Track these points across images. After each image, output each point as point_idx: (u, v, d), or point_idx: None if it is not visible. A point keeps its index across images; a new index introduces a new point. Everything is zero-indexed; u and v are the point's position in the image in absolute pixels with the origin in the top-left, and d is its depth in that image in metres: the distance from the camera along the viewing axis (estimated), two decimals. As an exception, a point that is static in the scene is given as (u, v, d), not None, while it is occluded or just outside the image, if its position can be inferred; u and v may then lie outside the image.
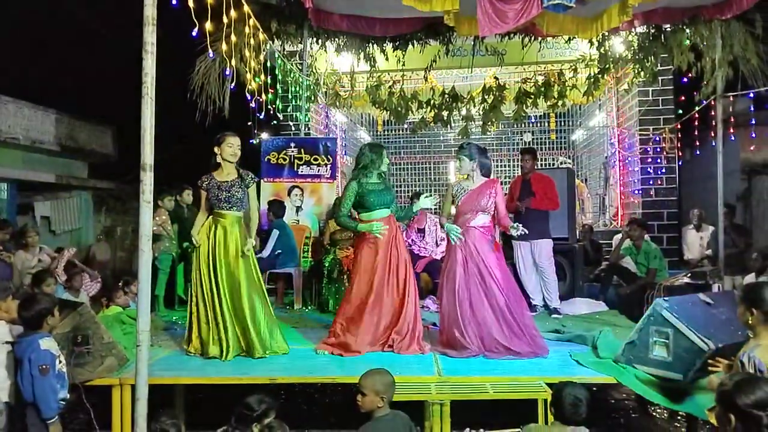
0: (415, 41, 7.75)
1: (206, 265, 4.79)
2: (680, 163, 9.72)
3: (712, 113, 7.16)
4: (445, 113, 9.49)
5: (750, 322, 3.15)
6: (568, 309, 6.61)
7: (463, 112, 9.63)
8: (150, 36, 2.89)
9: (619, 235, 8.62)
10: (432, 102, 9.55)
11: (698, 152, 8.62)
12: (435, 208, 6.85)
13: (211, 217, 4.88)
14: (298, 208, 8.11)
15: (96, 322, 4.22)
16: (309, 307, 7.23)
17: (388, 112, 9.78)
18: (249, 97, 6.20)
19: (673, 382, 3.90)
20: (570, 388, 3.03)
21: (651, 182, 9.66)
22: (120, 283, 6.39)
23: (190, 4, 3.34)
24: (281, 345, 4.84)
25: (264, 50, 6.69)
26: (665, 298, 4.19)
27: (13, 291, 4.62)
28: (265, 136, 8.98)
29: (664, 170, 9.64)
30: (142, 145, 2.90)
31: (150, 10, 2.88)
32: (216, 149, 4.83)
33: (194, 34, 3.67)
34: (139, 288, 2.93)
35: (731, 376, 2.32)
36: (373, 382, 3.12)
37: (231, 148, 4.81)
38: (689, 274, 6.85)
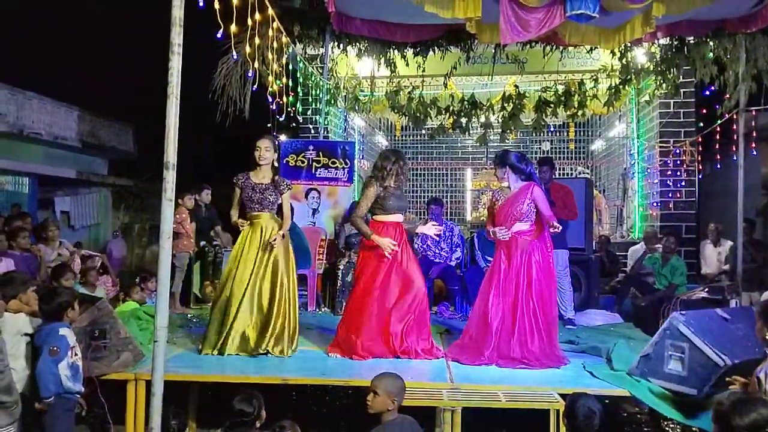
0: (435, 47, 7.77)
1: (234, 261, 4.90)
2: (700, 176, 9.62)
3: (734, 127, 7.10)
4: (463, 120, 9.47)
5: (766, 338, 3.13)
6: (582, 320, 6.57)
7: (482, 119, 9.61)
8: (177, 37, 2.93)
9: (637, 247, 8.57)
10: (451, 108, 9.53)
11: (719, 166, 8.56)
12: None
13: (248, 221, 4.99)
14: (315, 211, 8.13)
15: (114, 317, 4.28)
16: (323, 310, 7.26)
17: (407, 118, 9.80)
18: (270, 99, 6.25)
19: (688, 396, 3.86)
20: (584, 400, 3.03)
21: (670, 195, 9.57)
22: (137, 279, 6.45)
23: (216, 6, 3.39)
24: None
25: (286, 53, 6.74)
26: (682, 312, 4.16)
27: (38, 283, 4.70)
28: (284, 138, 9.03)
29: (683, 183, 9.55)
30: (166, 144, 2.94)
31: (177, 12, 2.92)
32: None
33: (219, 35, 3.72)
34: (159, 284, 2.97)
35: (729, 395, 2.31)
36: (387, 383, 3.15)
37: (257, 151, 4.95)
38: (706, 289, 6.78)
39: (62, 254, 7.03)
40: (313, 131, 9.89)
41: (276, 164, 5.08)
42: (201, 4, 3.15)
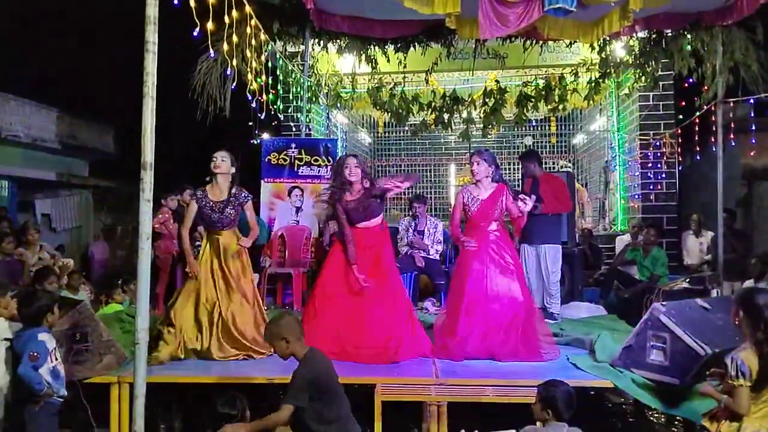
0: (416, 43, 7.76)
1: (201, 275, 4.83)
2: (680, 168, 9.72)
3: (713, 119, 7.17)
4: (446, 116, 9.49)
5: (737, 323, 3.20)
6: (566, 313, 6.60)
7: (464, 114, 9.63)
8: (151, 35, 2.90)
9: (625, 237, 8.63)
10: (433, 104, 9.55)
11: (698, 157, 8.64)
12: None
13: (206, 236, 4.96)
14: (298, 209, 8.10)
15: (95, 320, 4.25)
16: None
17: (389, 114, 9.80)
18: (250, 98, 6.21)
19: (670, 386, 3.90)
20: (560, 386, 3.14)
21: (651, 187, 9.66)
22: (119, 282, 6.40)
23: (192, 3, 3.35)
24: None
25: (265, 51, 6.70)
26: (663, 303, 4.20)
27: (21, 288, 4.65)
28: (265, 136, 8.99)
29: (664, 175, 9.64)
30: (143, 144, 2.92)
31: (152, 10, 2.89)
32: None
33: (195, 34, 3.69)
34: (139, 286, 2.94)
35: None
36: (270, 334, 3.24)
37: (213, 161, 4.80)
38: (688, 280, 6.86)
39: (43, 258, 6.96)
40: (294, 129, 9.85)
41: (235, 179, 4.97)
42: (176, 2, 3.11)
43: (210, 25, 3.75)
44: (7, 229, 7.08)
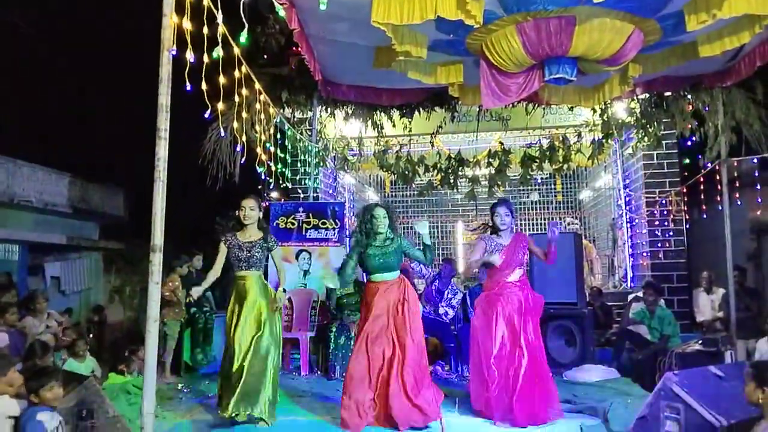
0: (421, 108, 7.93)
1: (229, 327, 4.87)
2: (688, 225, 9.70)
3: (718, 177, 7.21)
4: (451, 176, 9.58)
5: (760, 401, 3.12)
6: (579, 376, 6.50)
7: (470, 174, 9.72)
8: (164, 122, 2.95)
9: (632, 296, 8.54)
10: (439, 165, 9.65)
11: (705, 215, 8.63)
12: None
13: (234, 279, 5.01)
14: (306, 272, 8.11)
15: (102, 396, 4.20)
16: (316, 374, 7.14)
17: (396, 175, 9.90)
18: (258, 170, 6.26)
19: (687, 459, 3.81)
20: None
21: (659, 245, 9.63)
22: (126, 353, 6.37)
23: (204, 87, 3.45)
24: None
25: (274, 119, 6.84)
26: (675, 372, 4.14)
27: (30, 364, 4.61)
28: (274, 195, 9.07)
29: (671, 233, 9.62)
30: (153, 227, 2.91)
31: (164, 99, 2.95)
32: None
33: (207, 115, 3.78)
34: (146, 369, 2.90)
35: None
36: None
37: (242, 211, 5.00)
38: (701, 341, 6.75)
39: (50, 326, 6.94)
40: (302, 192, 9.96)
41: (264, 225, 5.17)
42: (188, 88, 3.21)
43: (221, 106, 3.84)
44: (14, 297, 7.06)
